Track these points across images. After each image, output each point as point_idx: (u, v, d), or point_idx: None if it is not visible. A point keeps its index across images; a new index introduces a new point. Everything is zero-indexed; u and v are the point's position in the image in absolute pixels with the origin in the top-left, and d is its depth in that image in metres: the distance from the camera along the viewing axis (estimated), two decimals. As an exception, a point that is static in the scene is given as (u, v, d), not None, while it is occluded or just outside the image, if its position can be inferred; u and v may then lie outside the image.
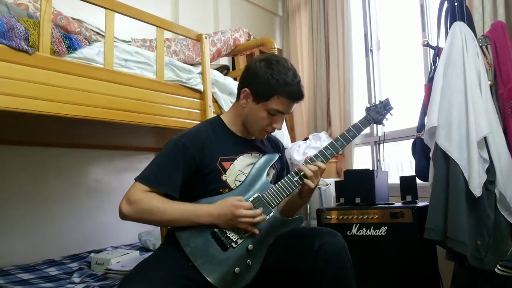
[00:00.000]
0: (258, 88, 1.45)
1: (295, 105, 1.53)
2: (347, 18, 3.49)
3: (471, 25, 2.12)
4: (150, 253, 1.84)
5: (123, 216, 1.34)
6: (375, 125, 3.28)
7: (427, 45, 2.36)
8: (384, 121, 1.66)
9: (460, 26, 2.03)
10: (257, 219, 1.37)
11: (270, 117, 1.48)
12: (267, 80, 1.42)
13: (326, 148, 1.51)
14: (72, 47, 1.63)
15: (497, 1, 2.18)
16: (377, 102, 1.67)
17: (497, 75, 2.04)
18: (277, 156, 1.56)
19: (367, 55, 3.51)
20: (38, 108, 1.47)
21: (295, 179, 1.46)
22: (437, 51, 2.24)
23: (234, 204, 1.35)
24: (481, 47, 2.06)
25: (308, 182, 1.44)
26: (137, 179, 1.38)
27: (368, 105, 1.66)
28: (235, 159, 1.49)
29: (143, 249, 2.75)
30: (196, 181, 1.44)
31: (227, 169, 1.46)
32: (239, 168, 1.49)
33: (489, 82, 2.01)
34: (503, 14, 2.16)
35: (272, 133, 1.65)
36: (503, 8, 2.16)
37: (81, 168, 2.87)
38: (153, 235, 2.77)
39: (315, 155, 1.49)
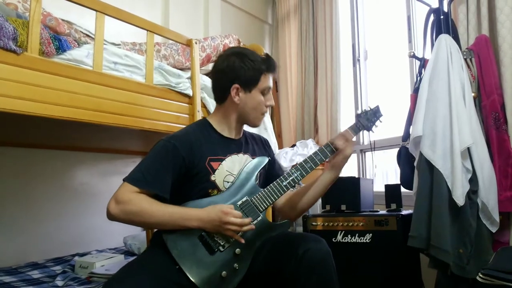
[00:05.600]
0: (247, 77, 1.51)
1: (285, 106, 1.55)
2: (336, 28, 3.54)
3: (456, 38, 2.18)
4: (135, 257, 1.82)
5: (111, 216, 1.33)
6: (361, 133, 3.35)
7: (413, 56, 2.41)
8: (374, 128, 1.67)
9: (445, 39, 2.07)
10: (245, 228, 1.37)
11: (264, 98, 1.56)
12: (251, 66, 1.51)
13: (315, 153, 1.52)
14: (61, 48, 1.62)
15: (481, 15, 2.23)
16: (368, 109, 1.67)
17: (481, 87, 2.09)
18: (266, 160, 1.57)
19: (354, 65, 3.55)
20: (25, 109, 1.46)
21: (284, 183, 1.47)
22: (423, 62, 2.28)
23: (223, 210, 1.35)
24: (465, 59, 2.11)
25: (345, 147, 1.52)
26: (125, 180, 1.37)
27: (359, 112, 1.67)
28: (223, 159, 1.50)
29: (128, 253, 2.73)
30: (185, 182, 1.44)
31: (215, 169, 1.47)
32: (227, 168, 1.49)
33: (473, 94, 2.05)
34: (486, 28, 2.21)
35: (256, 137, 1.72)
36: (487, 22, 2.21)
37: (67, 170, 2.84)
38: (138, 239, 2.75)
39: (305, 161, 1.51)
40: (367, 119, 1.65)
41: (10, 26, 1.42)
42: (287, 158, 3.13)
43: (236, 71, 1.50)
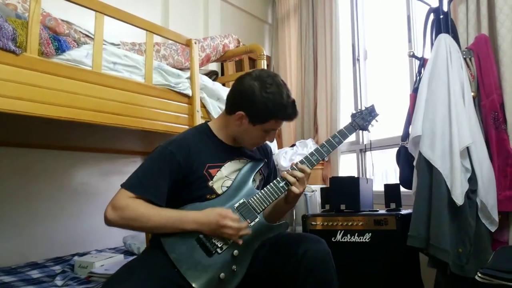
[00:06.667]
0: (256, 113, 1.45)
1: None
2: (335, 28, 3.54)
3: (455, 38, 2.18)
4: (135, 257, 1.83)
5: (109, 222, 1.34)
6: (361, 133, 3.35)
7: (412, 56, 2.41)
8: (370, 127, 1.69)
9: (445, 38, 2.08)
10: (242, 232, 1.37)
11: (265, 134, 1.51)
12: (265, 105, 1.42)
13: (311, 154, 1.52)
14: (60, 48, 1.62)
15: (481, 15, 2.23)
16: (363, 108, 1.69)
17: (480, 86, 2.09)
18: (262, 163, 1.57)
19: (354, 64, 3.55)
20: (24, 109, 1.46)
21: (281, 185, 1.47)
22: (422, 62, 2.29)
23: (221, 213, 1.35)
24: (465, 59, 2.11)
25: (294, 188, 1.46)
26: (122, 186, 1.37)
27: (354, 111, 1.68)
28: (222, 166, 1.49)
29: (127, 253, 2.73)
30: (183, 188, 1.44)
31: (214, 176, 1.46)
32: (226, 174, 1.49)
33: (472, 94, 2.06)
34: (486, 27, 2.21)
35: None
36: (486, 22, 2.21)
37: (67, 170, 2.84)
38: (138, 239, 2.75)
39: (301, 161, 1.51)
40: (363, 118, 1.66)
41: (10, 27, 1.42)
42: (286, 157, 3.13)
43: (249, 102, 1.44)
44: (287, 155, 3.16)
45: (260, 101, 1.42)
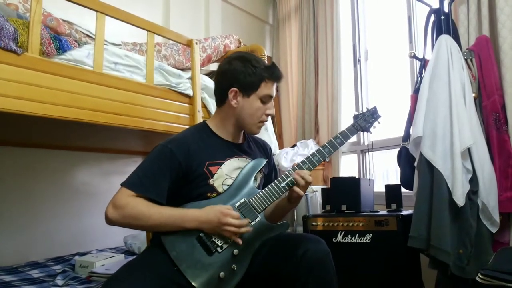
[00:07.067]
0: (246, 81, 1.49)
1: (286, 106, 1.56)
2: (336, 28, 3.54)
3: (456, 38, 2.18)
4: (135, 256, 1.83)
5: (109, 221, 1.34)
6: (362, 133, 3.35)
7: (413, 56, 2.41)
8: (372, 129, 1.68)
9: (446, 39, 2.08)
10: (243, 230, 1.37)
11: (263, 105, 1.53)
12: (252, 71, 1.49)
13: (313, 154, 1.52)
14: (61, 48, 1.63)
15: (482, 16, 2.23)
16: (365, 110, 1.69)
17: (481, 87, 2.09)
18: (264, 162, 1.57)
19: (355, 65, 3.55)
20: (25, 109, 1.46)
21: (282, 185, 1.47)
22: (423, 62, 2.28)
23: (222, 211, 1.35)
24: (466, 60, 2.11)
25: (298, 190, 1.46)
26: (123, 185, 1.37)
27: (356, 113, 1.68)
28: (222, 163, 1.49)
29: (128, 252, 2.73)
30: (183, 186, 1.44)
31: (214, 174, 1.46)
32: (226, 172, 1.49)
33: (473, 94, 2.05)
34: (487, 28, 2.21)
35: (260, 137, 1.70)
36: (487, 23, 2.21)
37: (68, 170, 2.84)
38: (139, 239, 2.75)
39: (303, 162, 1.50)
40: (365, 120, 1.66)
41: (11, 27, 1.43)
42: (287, 158, 3.13)
43: (236, 74, 1.50)
44: (288, 155, 3.16)
45: (245, 70, 1.50)
